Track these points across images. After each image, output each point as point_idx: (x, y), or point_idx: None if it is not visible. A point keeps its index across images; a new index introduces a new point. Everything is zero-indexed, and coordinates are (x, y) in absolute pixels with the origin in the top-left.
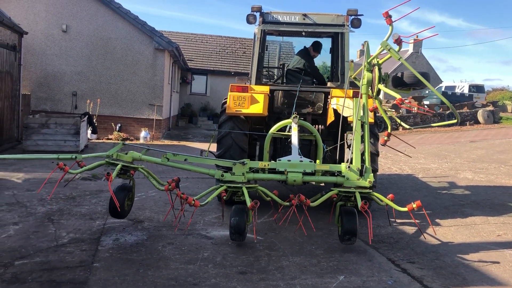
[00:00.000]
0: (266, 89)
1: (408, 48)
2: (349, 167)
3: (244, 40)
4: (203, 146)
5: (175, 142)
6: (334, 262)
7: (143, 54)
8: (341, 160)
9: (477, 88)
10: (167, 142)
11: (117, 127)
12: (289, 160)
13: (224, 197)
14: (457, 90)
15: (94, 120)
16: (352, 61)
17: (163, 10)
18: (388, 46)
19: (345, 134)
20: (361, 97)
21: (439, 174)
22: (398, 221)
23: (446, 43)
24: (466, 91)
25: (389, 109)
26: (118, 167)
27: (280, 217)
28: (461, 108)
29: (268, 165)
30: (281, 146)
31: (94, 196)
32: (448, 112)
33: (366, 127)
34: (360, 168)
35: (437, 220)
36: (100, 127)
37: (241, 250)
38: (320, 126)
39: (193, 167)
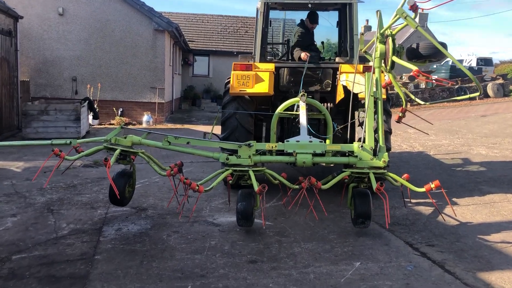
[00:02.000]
0: (271, 66)
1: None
2: (361, 146)
3: (246, 19)
4: (208, 129)
5: (178, 126)
6: (349, 247)
7: (143, 35)
8: (352, 139)
9: (485, 61)
10: (170, 125)
11: (119, 112)
12: (298, 141)
13: (230, 181)
14: (465, 64)
15: (95, 105)
16: (362, 34)
17: None
18: (404, 14)
19: (356, 112)
20: (373, 72)
21: (452, 150)
22: (413, 201)
23: (450, 16)
24: (474, 64)
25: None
26: (117, 152)
27: (289, 201)
28: (470, 82)
29: (275, 146)
30: (288, 126)
31: (96, 183)
32: (457, 86)
33: (380, 104)
34: (373, 147)
35: (454, 199)
36: (102, 112)
37: (250, 237)
38: (328, 104)
39: (196, 151)
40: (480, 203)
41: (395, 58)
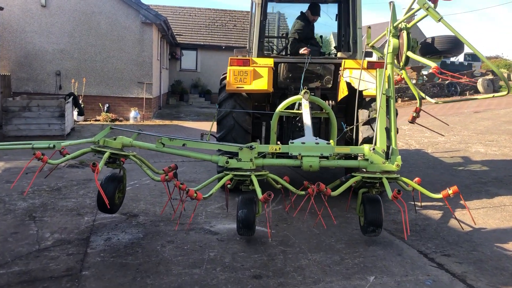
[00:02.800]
0: (269, 61)
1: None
2: (373, 149)
3: (235, 12)
4: (197, 125)
5: (167, 122)
6: (360, 258)
7: (129, 28)
8: (356, 140)
9: (473, 57)
10: (158, 122)
11: (105, 108)
12: (303, 143)
13: (229, 186)
14: (453, 59)
15: (80, 101)
16: (369, 27)
17: None
18: (427, 5)
19: (360, 111)
20: (385, 68)
21: (449, 148)
22: (418, 203)
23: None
24: (461, 59)
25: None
26: (106, 155)
27: (292, 207)
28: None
29: (279, 149)
30: (288, 126)
31: (82, 186)
32: (447, 82)
33: (392, 102)
34: (385, 150)
35: (462, 202)
36: (87, 108)
37: (252, 247)
38: (330, 101)
39: (193, 153)
40: (490, 206)
41: (410, 54)
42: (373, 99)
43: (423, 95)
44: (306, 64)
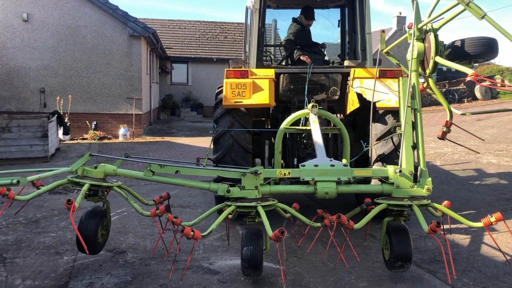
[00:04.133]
0: (270, 72)
1: (392, 26)
2: (400, 171)
3: (225, 24)
4: (190, 141)
5: (158, 139)
6: None
7: (117, 42)
8: (367, 158)
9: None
10: (149, 138)
11: (93, 125)
12: (316, 165)
13: (230, 216)
14: None
15: (66, 119)
16: (383, 32)
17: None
18: (466, 0)
19: (373, 124)
20: (410, 77)
21: (458, 159)
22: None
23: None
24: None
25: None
26: (85, 188)
27: (300, 235)
28: (458, 85)
29: (289, 173)
30: (292, 143)
31: (64, 216)
32: (444, 90)
33: (419, 116)
34: (413, 172)
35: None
36: (74, 126)
37: None
38: (337, 115)
39: (188, 182)
40: None
41: (439, 59)
42: (387, 111)
43: (445, 106)
44: (309, 74)
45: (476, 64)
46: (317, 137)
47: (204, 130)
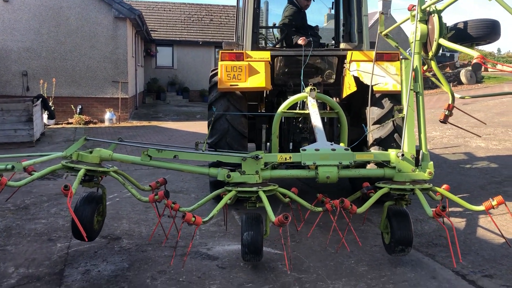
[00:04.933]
0: (266, 55)
1: (377, 10)
2: (402, 155)
3: (211, 6)
4: (178, 125)
5: (145, 123)
6: (389, 285)
7: (102, 24)
8: (365, 142)
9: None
10: (136, 123)
11: (78, 110)
12: (317, 149)
13: (228, 202)
14: None
15: (50, 103)
16: (382, 13)
17: None
18: None
19: (368, 108)
20: (412, 59)
21: (448, 143)
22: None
23: (406, 3)
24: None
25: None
26: (81, 173)
27: (298, 220)
28: (444, 69)
29: (290, 158)
30: (288, 128)
31: (54, 202)
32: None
33: (421, 99)
34: (415, 156)
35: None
36: (58, 111)
37: (260, 275)
38: (334, 98)
39: (187, 167)
40: None
41: (443, 41)
42: (384, 95)
43: (445, 87)
44: (308, 56)
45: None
46: (317, 121)
47: (191, 114)
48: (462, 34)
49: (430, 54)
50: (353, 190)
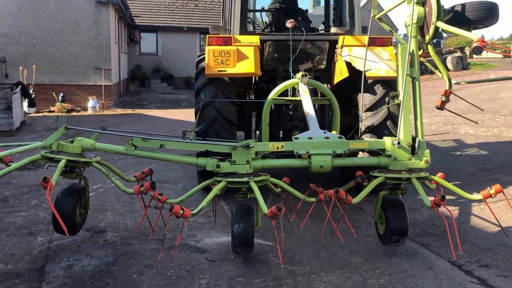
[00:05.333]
0: (255, 39)
1: None
2: (398, 143)
3: None
4: (163, 113)
5: (129, 111)
6: (385, 277)
7: (83, 9)
8: (356, 131)
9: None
10: (120, 111)
11: (60, 97)
12: (310, 138)
13: (218, 192)
14: None
15: (31, 91)
16: None
17: None
18: None
19: (360, 95)
20: (409, 43)
21: (437, 130)
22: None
23: None
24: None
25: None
26: (61, 164)
27: (289, 210)
28: (430, 56)
29: (282, 146)
30: (278, 116)
31: (35, 194)
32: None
33: (418, 85)
34: (411, 144)
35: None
36: (39, 98)
37: (251, 268)
38: (325, 85)
39: (174, 156)
40: (509, 198)
41: (441, 24)
42: (377, 81)
43: (443, 74)
44: (302, 41)
45: (445, 36)
46: (309, 108)
47: (176, 102)
48: (460, 17)
49: (427, 38)
50: (344, 179)
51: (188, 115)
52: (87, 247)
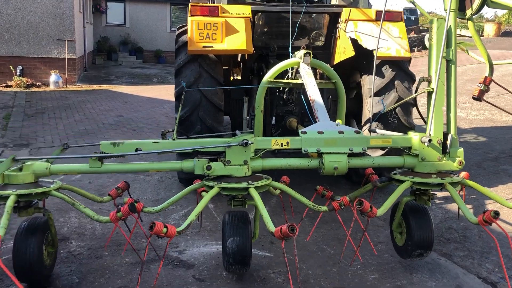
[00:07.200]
0: (246, 10)
1: None
2: (430, 140)
3: None
4: (133, 90)
5: (95, 87)
6: None
7: None
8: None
9: (411, 11)
10: (85, 86)
11: (18, 71)
12: (321, 132)
13: (203, 194)
14: None
15: None
16: None
17: None
18: None
19: (365, 77)
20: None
21: (424, 112)
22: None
23: None
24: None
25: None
26: (10, 200)
27: (290, 216)
28: (409, 33)
29: (287, 143)
30: (270, 100)
31: None
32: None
33: (453, 70)
34: (441, 141)
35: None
36: None
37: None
38: None
39: (153, 165)
40: None
41: None
42: (384, 62)
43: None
44: (302, 13)
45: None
46: (315, 94)
47: (146, 77)
48: None
49: (469, 12)
50: (347, 177)
51: (160, 92)
52: None
